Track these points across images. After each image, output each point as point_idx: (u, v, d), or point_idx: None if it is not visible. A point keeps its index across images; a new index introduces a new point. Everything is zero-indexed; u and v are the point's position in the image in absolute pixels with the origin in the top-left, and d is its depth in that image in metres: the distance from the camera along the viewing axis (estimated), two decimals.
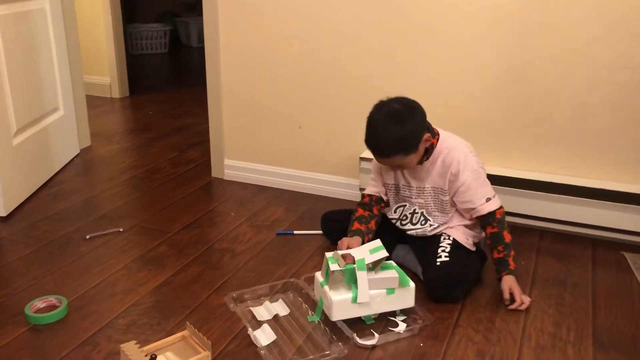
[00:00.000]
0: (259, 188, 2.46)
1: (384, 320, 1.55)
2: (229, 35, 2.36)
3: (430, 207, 1.75)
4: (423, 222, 1.76)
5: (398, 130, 1.57)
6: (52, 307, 1.58)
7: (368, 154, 2.21)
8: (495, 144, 2.09)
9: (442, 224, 1.75)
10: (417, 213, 1.77)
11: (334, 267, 1.48)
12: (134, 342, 1.37)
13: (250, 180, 2.52)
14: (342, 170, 2.34)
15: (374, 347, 1.45)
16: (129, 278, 1.75)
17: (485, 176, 1.70)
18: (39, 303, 1.58)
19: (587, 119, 1.96)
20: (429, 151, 1.68)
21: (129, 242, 1.97)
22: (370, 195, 1.85)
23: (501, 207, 1.68)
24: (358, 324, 1.52)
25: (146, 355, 1.33)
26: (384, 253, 1.50)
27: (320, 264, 1.81)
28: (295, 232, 2.05)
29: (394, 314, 1.57)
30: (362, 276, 1.47)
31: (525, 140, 2.05)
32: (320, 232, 2.01)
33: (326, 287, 1.50)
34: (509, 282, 1.62)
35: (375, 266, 1.52)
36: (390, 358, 1.41)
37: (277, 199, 2.35)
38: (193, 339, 1.43)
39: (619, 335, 1.51)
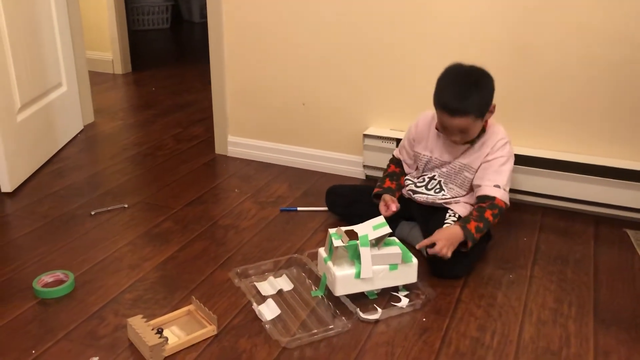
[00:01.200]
0: (263, 165, 2.47)
1: (386, 296, 1.56)
2: (232, 10, 2.34)
3: (450, 178, 1.77)
4: (437, 190, 1.78)
5: (477, 92, 1.60)
6: (59, 282, 1.60)
7: (372, 131, 2.22)
8: (500, 121, 2.08)
9: (453, 197, 1.76)
10: (435, 180, 1.79)
11: (337, 243, 1.49)
12: (141, 316, 1.39)
13: (253, 157, 2.52)
14: (345, 147, 2.34)
15: (377, 321, 1.47)
16: (135, 253, 1.76)
17: (510, 167, 1.70)
18: (47, 277, 1.60)
19: (590, 96, 1.95)
20: (480, 132, 1.70)
21: (134, 218, 1.98)
22: (398, 157, 1.92)
23: (504, 202, 1.67)
24: (361, 299, 1.54)
25: (152, 329, 1.35)
26: (387, 229, 1.51)
27: (323, 240, 1.83)
28: (299, 208, 2.06)
29: (396, 289, 1.58)
30: (365, 252, 1.48)
31: (529, 117, 2.04)
32: (323, 208, 2.02)
33: (330, 263, 1.52)
34: (444, 231, 1.60)
35: (378, 242, 1.53)
36: (394, 332, 1.43)
37: (281, 176, 2.36)
38: (199, 313, 1.46)
39: (620, 312, 1.52)
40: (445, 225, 1.68)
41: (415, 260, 1.55)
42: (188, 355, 1.34)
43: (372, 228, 1.52)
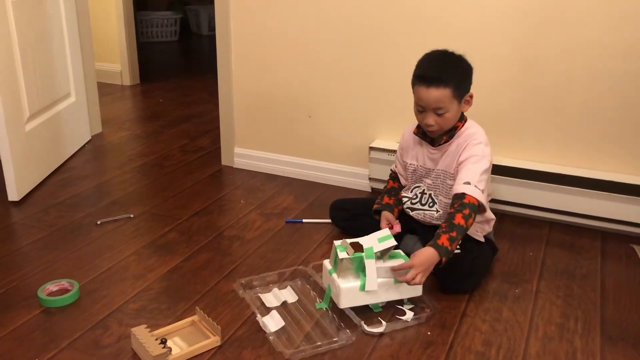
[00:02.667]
0: (269, 176, 2.47)
1: (391, 309, 1.56)
2: (240, 23, 2.36)
3: (437, 190, 1.76)
4: (431, 205, 1.77)
5: (456, 66, 1.62)
6: (64, 291, 1.60)
7: (378, 143, 2.22)
8: (506, 135, 2.08)
9: (445, 211, 1.75)
10: (426, 194, 1.78)
11: (342, 255, 1.49)
12: (145, 326, 1.39)
13: (259, 168, 2.52)
14: (351, 159, 2.34)
15: (381, 334, 1.46)
16: (140, 263, 1.76)
17: (483, 167, 1.62)
18: (52, 286, 1.60)
19: (598, 110, 1.95)
20: (451, 132, 1.68)
21: (140, 228, 1.98)
22: (395, 171, 1.93)
23: (475, 198, 1.57)
24: (366, 312, 1.53)
25: (156, 339, 1.34)
26: (392, 242, 1.51)
27: (328, 252, 1.82)
28: (304, 220, 2.06)
29: (401, 302, 1.57)
30: (370, 264, 1.48)
31: (536, 131, 2.04)
32: (329, 220, 2.02)
33: (334, 275, 1.51)
34: (418, 257, 1.49)
35: (383, 255, 1.52)
36: (398, 346, 1.42)
37: (287, 188, 2.36)
38: (202, 324, 1.45)
39: (627, 328, 1.51)
40: (418, 250, 1.54)
41: None
42: None
43: (378, 240, 1.51)
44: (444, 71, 1.60)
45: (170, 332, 1.43)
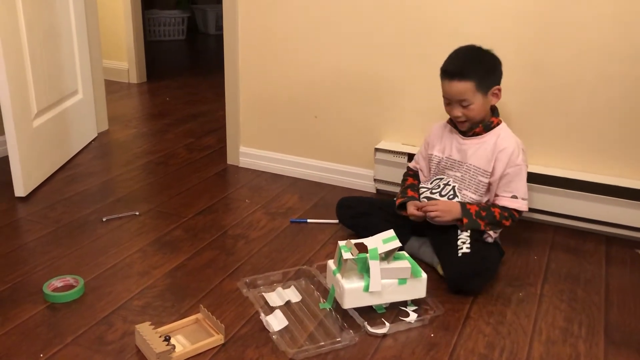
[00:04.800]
0: (274, 176, 2.48)
1: (395, 310, 1.56)
2: (248, 23, 2.37)
3: (464, 184, 1.76)
4: (451, 196, 1.77)
5: (479, 60, 1.68)
6: (69, 287, 1.61)
7: (383, 145, 2.23)
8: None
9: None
10: (450, 185, 1.79)
11: (346, 255, 1.49)
12: (149, 323, 1.39)
13: (265, 168, 2.53)
14: (357, 160, 2.35)
15: (384, 335, 1.46)
16: (144, 261, 1.77)
17: (525, 175, 1.72)
18: (57, 282, 1.61)
19: (605, 115, 1.94)
20: (486, 124, 1.73)
21: (145, 226, 1.99)
22: (415, 167, 1.95)
23: (517, 211, 1.72)
24: (369, 313, 1.53)
25: (160, 337, 1.35)
26: (396, 243, 1.51)
27: (332, 252, 1.83)
28: (309, 220, 2.06)
29: (405, 303, 1.57)
30: (374, 265, 1.48)
31: (542, 135, 2.04)
32: (333, 221, 2.02)
33: (338, 275, 1.51)
34: (444, 202, 1.72)
35: (387, 256, 1.52)
36: (401, 347, 1.42)
37: (292, 187, 2.37)
38: (206, 322, 1.46)
39: (631, 333, 1.50)
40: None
41: (424, 275, 1.55)
42: None
43: (382, 241, 1.52)
44: (466, 65, 1.66)
45: (174, 330, 1.44)
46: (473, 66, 1.66)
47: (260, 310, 1.51)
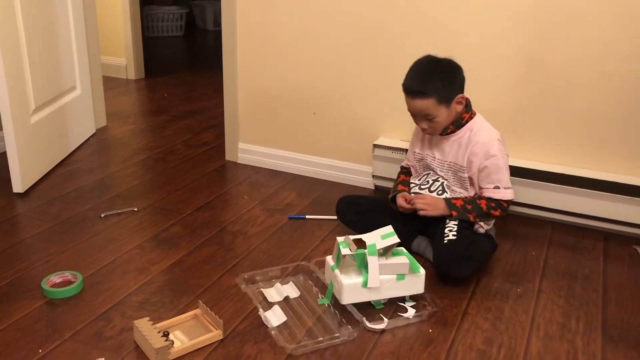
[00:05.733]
0: (272, 172, 2.48)
1: (393, 306, 1.56)
2: (246, 19, 2.36)
3: (450, 181, 1.79)
4: (440, 193, 1.78)
5: (437, 76, 1.66)
6: (67, 283, 1.61)
7: (382, 141, 2.22)
8: (510, 135, 2.08)
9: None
10: (438, 182, 1.80)
11: (345, 251, 1.49)
12: (147, 318, 1.40)
13: (263, 164, 2.53)
14: (355, 157, 2.35)
15: (383, 331, 1.46)
16: (143, 257, 1.77)
17: (504, 164, 1.72)
18: (55, 278, 1.61)
19: (603, 111, 1.94)
20: (457, 122, 1.73)
21: (143, 222, 1.99)
22: (407, 165, 1.97)
23: (504, 200, 1.72)
24: (368, 308, 1.53)
25: (159, 332, 1.35)
26: (395, 239, 1.51)
27: (331, 248, 1.83)
28: (307, 216, 2.06)
29: (403, 299, 1.58)
30: (372, 261, 1.48)
31: (541, 131, 2.04)
32: (332, 217, 2.02)
33: (337, 271, 1.51)
34: (433, 198, 1.75)
35: (386, 252, 1.53)
36: (399, 343, 1.43)
37: (290, 184, 2.37)
38: (205, 318, 1.46)
39: (628, 329, 1.51)
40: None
41: (422, 271, 1.55)
42: (193, 359, 1.34)
43: (381, 237, 1.52)
44: (424, 82, 1.66)
45: (173, 325, 1.44)
46: (432, 82, 1.66)
47: (259, 306, 1.51)
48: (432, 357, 1.38)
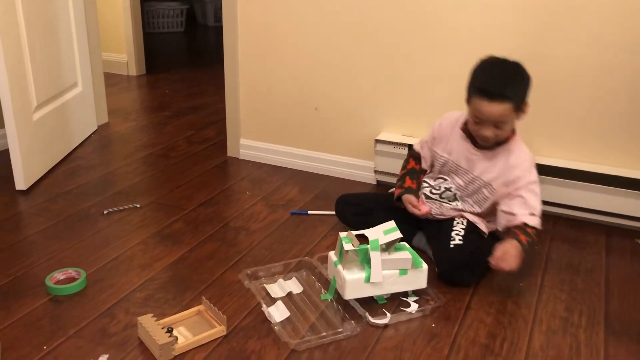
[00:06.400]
0: (274, 168, 2.48)
1: (396, 300, 1.56)
2: (247, 14, 2.36)
3: (466, 192, 1.73)
4: (451, 200, 1.75)
5: (518, 80, 1.57)
6: (71, 279, 1.61)
7: (383, 136, 2.22)
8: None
9: (465, 211, 1.74)
10: (451, 192, 1.75)
11: (347, 246, 1.49)
12: (151, 315, 1.40)
13: (265, 160, 2.53)
14: (357, 152, 2.35)
15: (386, 326, 1.47)
16: (146, 253, 1.78)
17: (539, 191, 1.66)
18: (59, 275, 1.62)
19: (604, 105, 1.94)
20: (503, 139, 1.64)
21: (146, 218, 2.00)
22: (418, 152, 1.86)
23: (535, 229, 1.62)
24: (370, 303, 1.54)
25: (162, 328, 1.36)
26: (397, 234, 1.51)
27: (333, 244, 1.83)
28: (309, 212, 2.07)
29: (406, 294, 1.58)
30: (375, 256, 1.49)
31: (542, 126, 2.04)
32: (334, 212, 2.02)
33: (340, 267, 1.52)
34: (507, 245, 1.56)
35: (388, 247, 1.53)
36: (402, 337, 1.43)
37: (292, 179, 2.37)
38: (208, 314, 1.46)
39: (631, 323, 1.51)
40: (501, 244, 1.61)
41: (425, 266, 1.55)
42: (197, 354, 1.35)
43: (383, 233, 1.52)
44: (507, 85, 1.55)
45: (177, 321, 1.45)
46: (512, 86, 1.56)
47: (262, 302, 1.52)
48: (435, 352, 1.38)
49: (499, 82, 1.55)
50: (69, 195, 2.16)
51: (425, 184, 1.82)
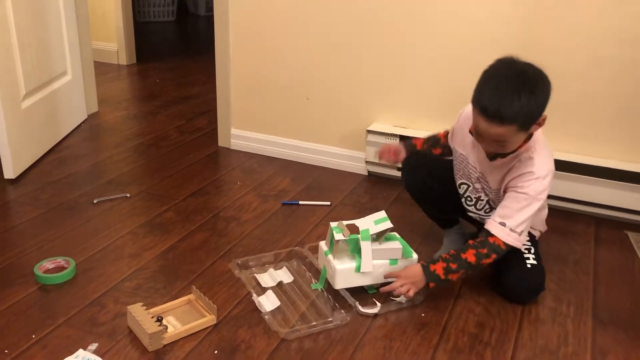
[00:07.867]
0: (266, 158, 2.47)
1: None
2: (239, 3, 2.34)
3: (492, 195, 1.57)
4: (487, 210, 1.61)
5: (526, 98, 1.29)
6: (60, 268, 1.60)
7: (375, 127, 2.22)
8: None
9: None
10: (482, 200, 1.60)
11: (338, 236, 1.50)
12: (141, 304, 1.40)
13: (256, 150, 2.52)
14: (348, 142, 2.34)
15: (376, 315, 1.47)
16: (136, 242, 1.77)
17: (533, 208, 1.42)
18: (48, 264, 1.61)
19: (595, 97, 1.95)
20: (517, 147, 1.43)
21: (136, 208, 1.99)
22: (440, 140, 1.73)
23: (502, 242, 1.43)
24: (361, 293, 1.54)
25: (152, 317, 1.35)
26: (388, 224, 1.51)
27: (324, 234, 1.83)
28: (300, 202, 2.07)
29: None
30: (366, 246, 1.49)
31: None
32: (325, 202, 2.03)
33: (330, 256, 1.52)
34: (406, 269, 1.48)
35: (379, 237, 1.53)
36: (392, 327, 1.44)
37: (284, 170, 2.36)
38: (198, 303, 1.46)
39: (618, 312, 1.53)
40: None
41: (415, 256, 1.56)
42: (187, 343, 1.35)
43: (374, 222, 1.52)
44: (511, 107, 1.29)
45: (167, 311, 1.44)
46: (517, 106, 1.29)
47: (252, 291, 1.52)
48: (425, 341, 1.39)
49: (501, 102, 1.30)
50: (59, 184, 2.14)
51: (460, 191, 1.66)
